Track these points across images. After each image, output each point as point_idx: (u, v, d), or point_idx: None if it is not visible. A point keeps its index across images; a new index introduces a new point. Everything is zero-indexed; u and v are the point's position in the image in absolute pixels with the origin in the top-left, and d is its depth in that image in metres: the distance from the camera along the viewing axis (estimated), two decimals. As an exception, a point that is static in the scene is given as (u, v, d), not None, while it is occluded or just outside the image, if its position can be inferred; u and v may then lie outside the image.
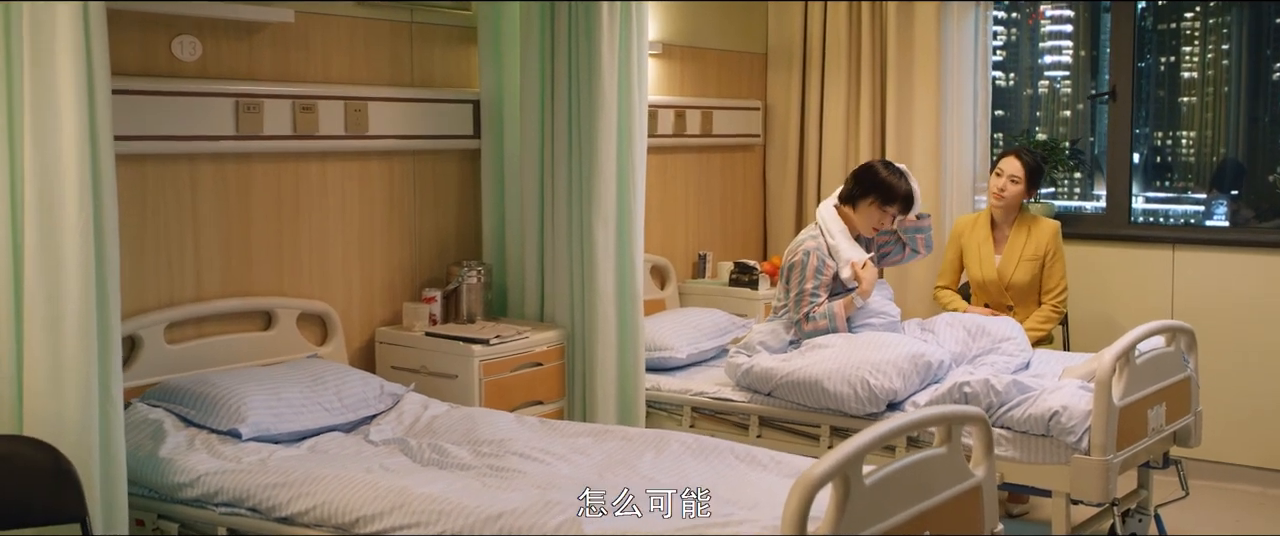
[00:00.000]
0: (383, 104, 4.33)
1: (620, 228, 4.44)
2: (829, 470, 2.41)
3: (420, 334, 4.29)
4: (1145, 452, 4.07)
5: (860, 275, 4.49)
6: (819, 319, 4.45)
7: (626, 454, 3.42)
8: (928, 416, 2.79)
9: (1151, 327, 4.05)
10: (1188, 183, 6.52)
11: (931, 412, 2.80)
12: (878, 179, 4.53)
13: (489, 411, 3.84)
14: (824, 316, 4.45)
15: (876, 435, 2.54)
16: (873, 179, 4.54)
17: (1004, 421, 3.94)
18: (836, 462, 2.43)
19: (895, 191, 4.51)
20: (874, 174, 4.55)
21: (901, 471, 2.69)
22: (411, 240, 4.54)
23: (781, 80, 6.18)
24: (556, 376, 4.42)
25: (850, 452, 2.46)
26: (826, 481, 2.43)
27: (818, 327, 4.44)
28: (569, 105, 4.43)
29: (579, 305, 4.46)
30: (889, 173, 4.54)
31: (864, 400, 4.09)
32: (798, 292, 4.49)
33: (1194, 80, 6.47)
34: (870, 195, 4.53)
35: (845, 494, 2.49)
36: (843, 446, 2.49)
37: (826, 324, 4.44)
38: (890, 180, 4.51)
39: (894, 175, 4.53)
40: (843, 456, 2.45)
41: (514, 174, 4.62)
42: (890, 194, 4.51)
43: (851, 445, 2.49)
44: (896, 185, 4.51)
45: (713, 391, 4.53)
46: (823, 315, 4.45)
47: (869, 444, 2.52)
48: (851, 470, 2.49)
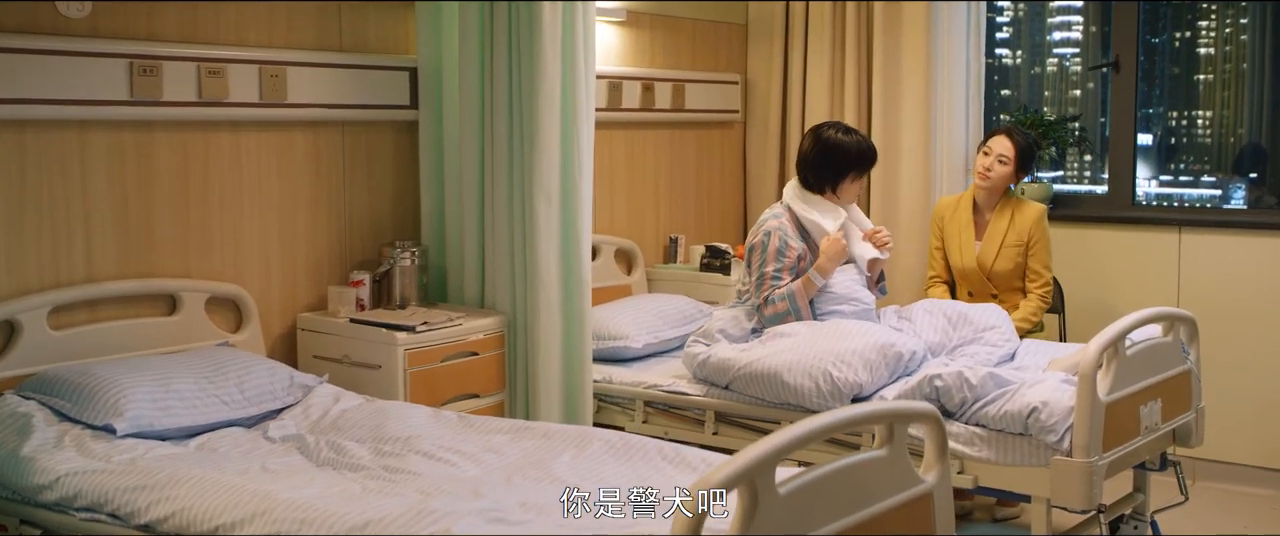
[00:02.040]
0: (305, 70, 3.97)
1: (564, 205, 4.06)
2: (728, 477, 2.04)
3: (345, 320, 3.93)
4: (1138, 453, 3.68)
5: (821, 247, 4.11)
6: (778, 301, 4.07)
7: (543, 454, 3.06)
8: (861, 414, 2.40)
9: (1145, 315, 3.65)
10: (1204, 166, 6.10)
11: (866, 409, 2.41)
12: (846, 150, 4.14)
13: (404, 406, 3.47)
14: (783, 298, 4.07)
15: (791, 437, 2.16)
16: (841, 152, 4.15)
17: (978, 418, 3.56)
18: (738, 469, 2.06)
19: (868, 152, 4.18)
20: (840, 148, 4.15)
21: (828, 478, 2.31)
22: (340, 219, 4.18)
23: (762, 52, 5.79)
24: (495, 367, 4.06)
25: (754, 458, 2.08)
26: (726, 490, 2.05)
27: (777, 311, 4.06)
28: (509, 73, 4.06)
29: (520, 290, 4.09)
30: (846, 134, 4.18)
31: (826, 394, 3.71)
32: (758, 276, 4.11)
33: (1211, 56, 6.04)
34: (849, 171, 4.15)
35: (752, 504, 2.11)
36: (748, 450, 2.11)
37: (786, 306, 4.06)
38: (854, 143, 4.15)
39: (850, 134, 4.17)
40: (746, 462, 2.07)
41: (454, 148, 4.25)
42: (863, 158, 4.16)
43: (759, 449, 2.11)
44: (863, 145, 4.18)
45: (667, 384, 4.15)
46: (782, 298, 4.07)
47: (782, 447, 2.14)
48: (759, 477, 2.11)
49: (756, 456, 2.08)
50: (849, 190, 4.21)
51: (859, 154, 4.18)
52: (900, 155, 5.41)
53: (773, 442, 2.13)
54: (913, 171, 5.37)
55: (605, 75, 5.02)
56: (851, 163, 4.17)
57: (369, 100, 4.19)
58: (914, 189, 5.35)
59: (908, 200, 5.37)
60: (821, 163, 4.18)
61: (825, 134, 4.19)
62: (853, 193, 4.22)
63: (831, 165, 4.17)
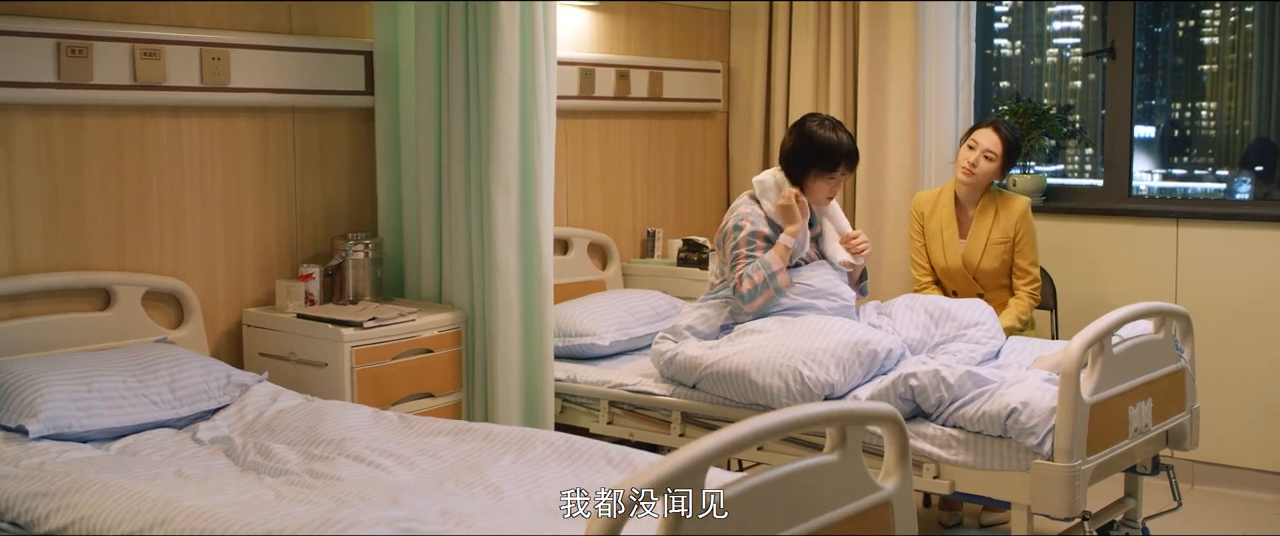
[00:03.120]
0: (251, 52, 3.78)
1: (524, 196, 3.86)
2: (655, 481, 1.83)
3: (292, 316, 3.74)
4: (1127, 457, 3.47)
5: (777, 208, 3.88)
6: (753, 273, 3.83)
7: (482, 457, 2.86)
8: (807, 415, 2.19)
9: (1134, 310, 3.43)
10: (1208, 158, 5.87)
11: (814, 410, 2.20)
12: (815, 141, 3.92)
13: (345, 406, 3.27)
14: (758, 268, 3.83)
15: (725, 440, 1.95)
16: (808, 144, 3.92)
17: (955, 420, 3.35)
18: (665, 473, 1.85)
19: (836, 149, 3.91)
20: (809, 140, 3.93)
21: (769, 485, 2.10)
22: (291, 210, 3.98)
23: (746, 40, 5.58)
24: (451, 366, 3.86)
25: (683, 462, 1.88)
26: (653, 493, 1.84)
27: (754, 284, 3.81)
28: (466, 57, 3.86)
29: (478, 284, 3.89)
30: (824, 127, 3.93)
31: (795, 394, 3.50)
32: (732, 258, 3.88)
33: (1216, 46, 5.82)
34: (812, 165, 3.93)
35: (678, 515, 1.91)
36: (679, 453, 1.90)
37: (762, 275, 3.81)
38: (828, 138, 3.91)
39: (829, 129, 3.93)
40: (673, 466, 1.87)
41: (411, 136, 4.06)
42: (831, 155, 3.90)
43: (689, 452, 1.90)
44: (836, 141, 3.91)
45: (633, 383, 3.95)
46: (757, 268, 3.83)
47: (715, 451, 1.93)
48: (690, 482, 1.90)
49: (685, 460, 1.88)
50: (816, 187, 3.98)
51: (825, 150, 3.91)
52: (887, 146, 5.19)
53: (705, 445, 1.93)
54: (900, 163, 5.15)
55: (577, 62, 4.82)
56: (815, 158, 3.93)
57: (322, 85, 3.99)
58: (900, 182, 5.14)
59: (894, 194, 5.16)
60: (792, 155, 3.97)
61: (805, 125, 3.97)
62: (821, 192, 3.98)
63: (800, 158, 3.95)
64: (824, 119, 3.96)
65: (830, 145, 3.89)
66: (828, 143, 3.89)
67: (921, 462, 3.38)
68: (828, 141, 3.89)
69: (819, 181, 3.94)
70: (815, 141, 3.90)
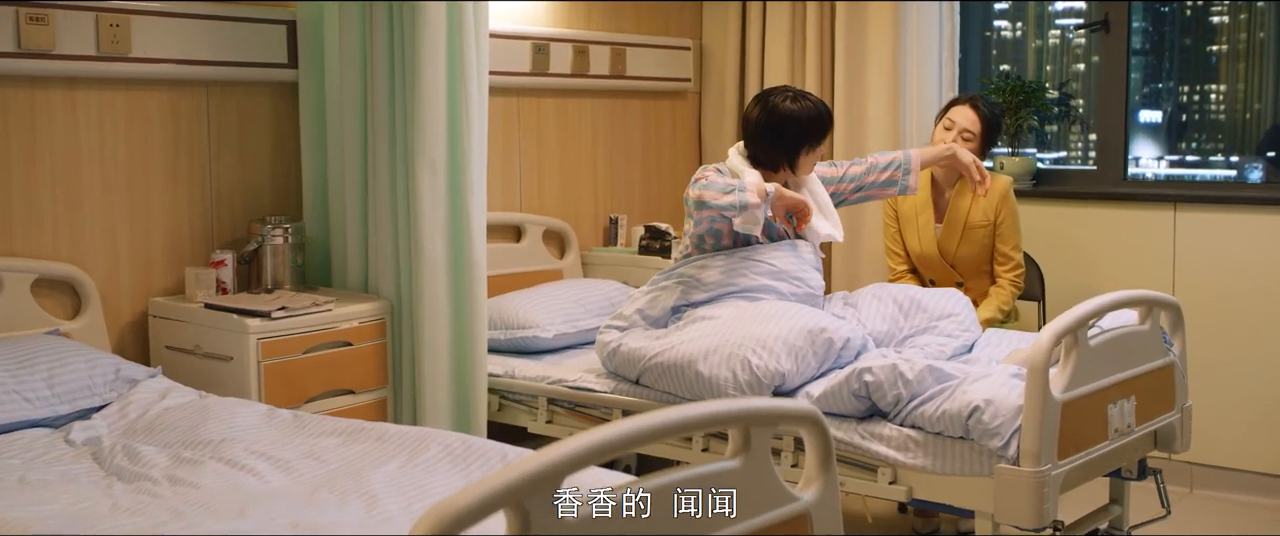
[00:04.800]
0: (156, 20, 3.48)
1: (452, 176, 3.55)
2: (474, 505, 1.51)
3: (200, 306, 3.44)
4: (1107, 460, 3.13)
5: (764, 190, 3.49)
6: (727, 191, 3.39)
7: (369, 461, 2.56)
8: (699, 415, 1.86)
9: (1114, 299, 3.10)
10: (1218, 144, 5.53)
11: (707, 409, 1.87)
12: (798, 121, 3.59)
13: (236, 404, 2.97)
14: (731, 191, 3.39)
15: (578, 449, 1.64)
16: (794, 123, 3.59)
17: (914, 419, 3.02)
18: (493, 491, 1.54)
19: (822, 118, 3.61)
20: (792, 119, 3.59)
21: (649, 495, 1.78)
22: (206, 192, 3.69)
23: (718, 16, 5.26)
24: (374, 360, 3.55)
25: (518, 476, 1.57)
26: (477, 520, 1.53)
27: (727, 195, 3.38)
28: (390, 25, 3.56)
29: (404, 271, 3.59)
30: (796, 102, 3.61)
31: (743, 384, 3.18)
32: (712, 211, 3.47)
33: (1225, 25, 5.47)
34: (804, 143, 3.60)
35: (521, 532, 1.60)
36: (518, 464, 1.59)
37: (735, 198, 3.37)
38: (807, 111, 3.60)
39: (799, 100, 3.61)
40: (506, 482, 1.55)
41: (336, 112, 3.75)
42: (817, 126, 3.60)
43: (531, 463, 1.59)
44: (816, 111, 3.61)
45: (573, 379, 3.63)
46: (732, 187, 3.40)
47: (565, 460, 1.62)
48: (531, 500, 1.59)
49: (520, 475, 1.56)
50: (807, 163, 3.66)
51: (811, 122, 3.60)
52: (866, 127, 4.87)
53: (553, 454, 1.61)
54: (879, 145, 4.82)
55: (530, 36, 4.52)
56: (805, 134, 3.61)
57: (239, 57, 3.69)
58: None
59: (874, 177, 4.83)
60: (772, 136, 3.62)
61: (775, 102, 3.62)
62: (811, 165, 3.67)
63: (785, 139, 3.61)
64: (787, 93, 3.63)
65: (816, 115, 3.59)
66: (812, 114, 3.58)
67: (877, 467, 3.06)
68: (811, 113, 3.58)
69: (808, 157, 3.63)
70: (798, 118, 3.57)
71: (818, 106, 3.62)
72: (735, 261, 3.54)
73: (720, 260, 3.56)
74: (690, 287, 3.54)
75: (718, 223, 3.55)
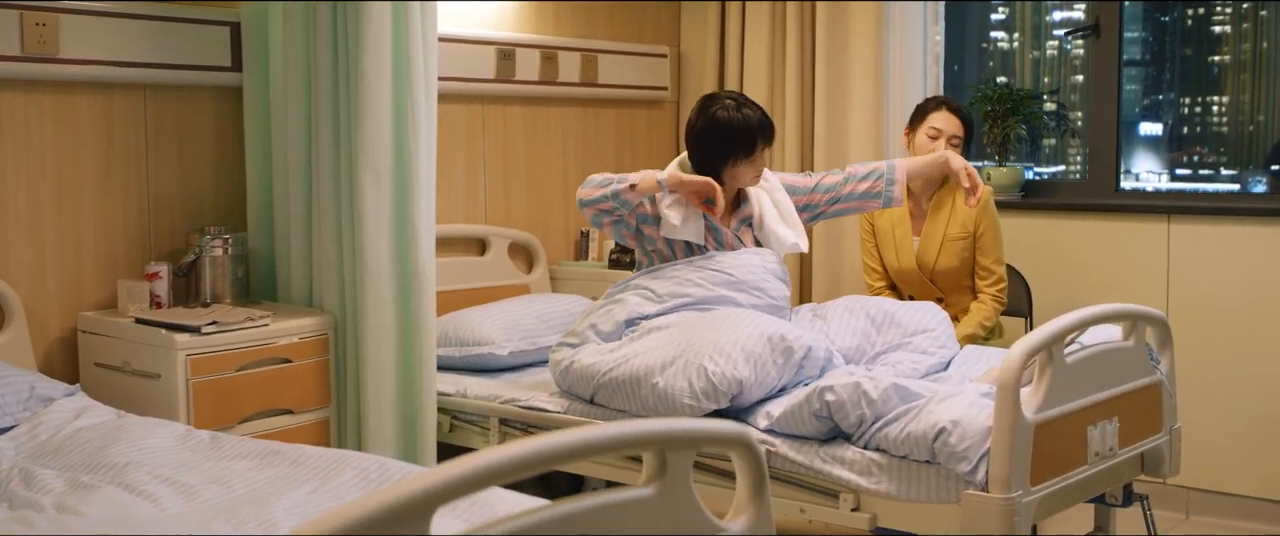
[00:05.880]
0: (87, 20, 3.32)
1: (398, 183, 3.37)
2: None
3: (131, 321, 3.26)
4: (1088, 485, 2.93)
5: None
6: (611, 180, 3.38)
7: (278, 487, 2.37)
8: (603, 437, 1.67)
9: (1094, 313, 2.90)
10: (1220, 157, 5.34)
11: (614, 431, 1.68)
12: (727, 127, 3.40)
13: (152, 424, 2.79)
14: (620, 181, 3.38)
15: (449, 478, 1.44)
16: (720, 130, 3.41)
17: (877, 441, 2.82)
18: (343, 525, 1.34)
19: (751, 129, 3.39)
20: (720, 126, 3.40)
21: (545, 528, 1.59)
22: (143, 201, 3.51)
23: (697, 23, 5.08)
24: (316, 378, 3.37)
25: (376, 508, 1.37)
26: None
27: (610, 181, 3.38)
28: (333, 24, 3.38)
29: (349, 284, 3.40)
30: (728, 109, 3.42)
31: (699, 393, 2.98)
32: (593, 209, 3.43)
33: (1228, 34, 5.28)
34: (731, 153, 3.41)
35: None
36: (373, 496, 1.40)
37: (612, 187, 3.37)
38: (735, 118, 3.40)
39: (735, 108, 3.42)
40: (360, 513, 1.36)
41: (282, 117, 3.58)
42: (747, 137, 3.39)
43: (390, 495, 1.40)
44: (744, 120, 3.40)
45: (525, 398, 3.44)
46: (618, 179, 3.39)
47: (432, 492, 1.43)
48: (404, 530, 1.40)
49: (376, 507, 1.37)
50: (743, 173, 3.46)
51: (740, 132, 3.39)
52: (847, 139, 4.68)
53: (415, 485, 1.42)
54: (862, 157, 4.63)
55: (494, 41, 4.34)
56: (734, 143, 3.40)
57: (180, 59, 3.52)
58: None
59: (856, 188, 4.63)
60: (706, 143, 3.44)
61: (712, 109, 3.44)
62: (746, 176, 3.47)
63: (717, 147, 3.42)
64: (727, 98, 3.44)
65: (744, 126, 3.38)
66: (740, 124, 3.38)
67: (838, 492, 2.86)
68: (739, 122, 3.38)
69: (741, 167, 3.43)
70: (727, 127, 3.39)
71: (749, 118, 3.40)
72: (691, 271, 3.36)
73: (675, 270, 3.37)
74: (644, 299, 3.35)
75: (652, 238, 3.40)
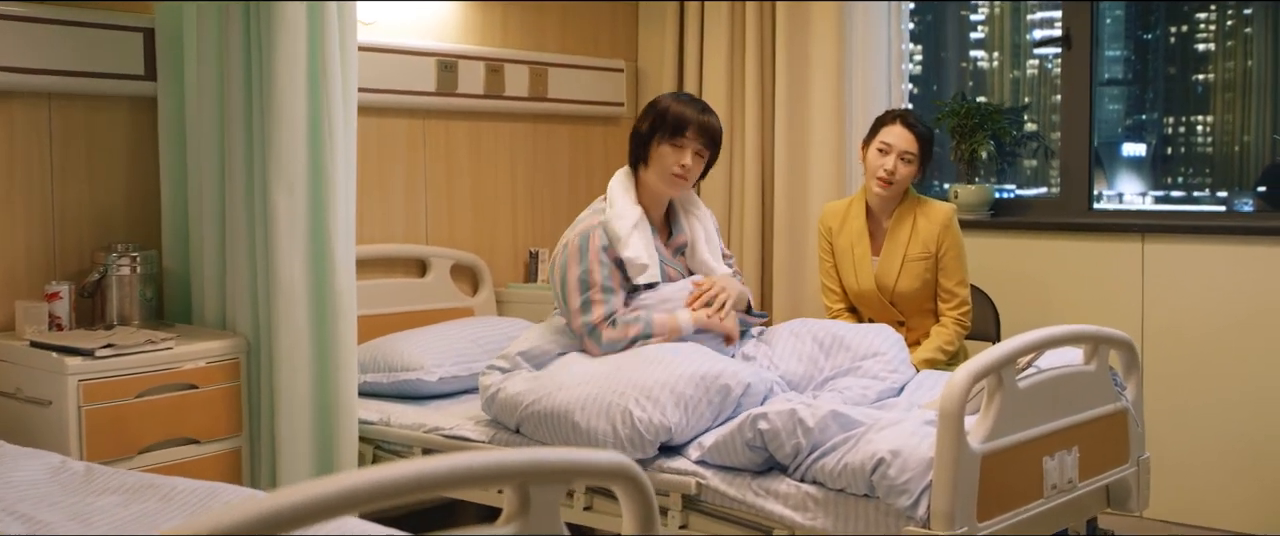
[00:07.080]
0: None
1: (314, 197, 3.16)
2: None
3: (26, 344, 3.05)
4: (1044, 520, 2.71)
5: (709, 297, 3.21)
6: (629, 323, 3.13)
7: (143, 525, 2.16)
8: (460, 468, 1.46)
9: (1050, 334, 2.70)
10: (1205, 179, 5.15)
11: (470, 461, 1.47)
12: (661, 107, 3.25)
13: (28, 453, 2.58)
14: (636, 321, 3.13)
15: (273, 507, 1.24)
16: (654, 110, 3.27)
17: (814, 473, 2.61)
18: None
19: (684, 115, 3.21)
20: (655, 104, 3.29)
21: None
22: (47, 217, 3.31)
23: (654, 36, 4.89)
24: (225, 405, 3.15)
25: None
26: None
27: (627, 335, 3.12)
28: (245, 26, 3.19)
29: (262, 305, 3.19)
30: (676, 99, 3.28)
31: (624, 440, 2.78)
32: (581, 299, 3.16)
33: (1211, 52, 5.11)
34: (656, 131, 3.22)
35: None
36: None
37: (640, 329, 3.12)
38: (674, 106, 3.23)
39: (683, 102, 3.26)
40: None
41: (195, 128, 3.37)
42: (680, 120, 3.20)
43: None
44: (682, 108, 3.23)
45: (450, 427, 3.23)
46: (634, 320, 3.13)
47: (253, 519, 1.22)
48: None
49: None
50: (666, 156, 3.23)
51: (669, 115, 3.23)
52: (808, 155, 4.48)
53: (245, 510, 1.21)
54: (823, 173, 4.44)
55: (434, 52, 4.15)
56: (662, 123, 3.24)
57: (88, 66, 3.33)
58: (824, 194, 4.42)
59: (817, 208, 4.42)
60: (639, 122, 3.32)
61: (657, 99, 3.31)
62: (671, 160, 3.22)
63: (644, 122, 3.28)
64: (680, 94, 3.33)
65: (679, 111, 3.22)
66: (675, 108, 3.22)
67: (771, 528, 2.64)
68: (675, 107, 3.23)
69: (664, 148, 3.22)
70: (661, 107, 3.25)
71: (687, 107, 3.25)
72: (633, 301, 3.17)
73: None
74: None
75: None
